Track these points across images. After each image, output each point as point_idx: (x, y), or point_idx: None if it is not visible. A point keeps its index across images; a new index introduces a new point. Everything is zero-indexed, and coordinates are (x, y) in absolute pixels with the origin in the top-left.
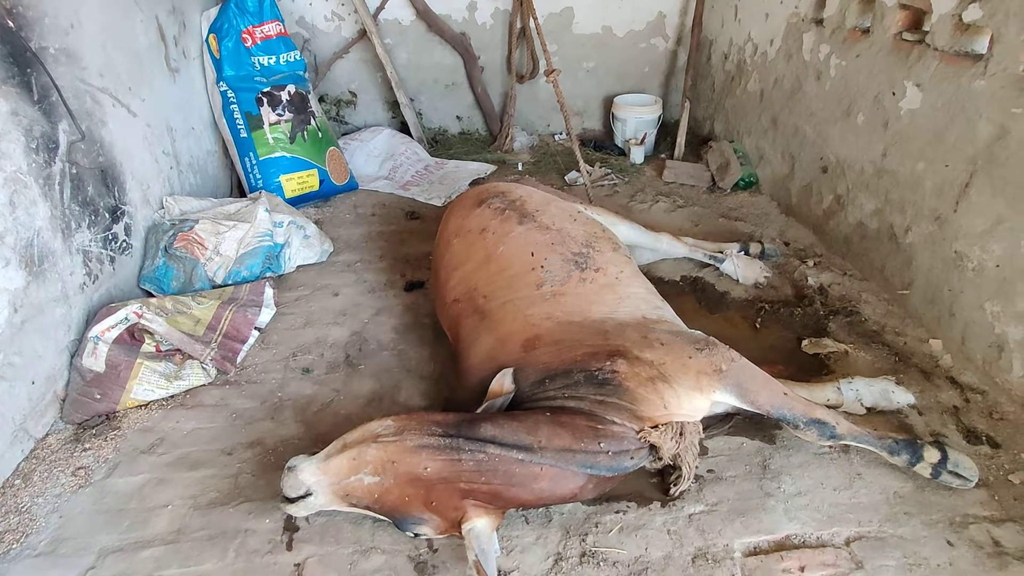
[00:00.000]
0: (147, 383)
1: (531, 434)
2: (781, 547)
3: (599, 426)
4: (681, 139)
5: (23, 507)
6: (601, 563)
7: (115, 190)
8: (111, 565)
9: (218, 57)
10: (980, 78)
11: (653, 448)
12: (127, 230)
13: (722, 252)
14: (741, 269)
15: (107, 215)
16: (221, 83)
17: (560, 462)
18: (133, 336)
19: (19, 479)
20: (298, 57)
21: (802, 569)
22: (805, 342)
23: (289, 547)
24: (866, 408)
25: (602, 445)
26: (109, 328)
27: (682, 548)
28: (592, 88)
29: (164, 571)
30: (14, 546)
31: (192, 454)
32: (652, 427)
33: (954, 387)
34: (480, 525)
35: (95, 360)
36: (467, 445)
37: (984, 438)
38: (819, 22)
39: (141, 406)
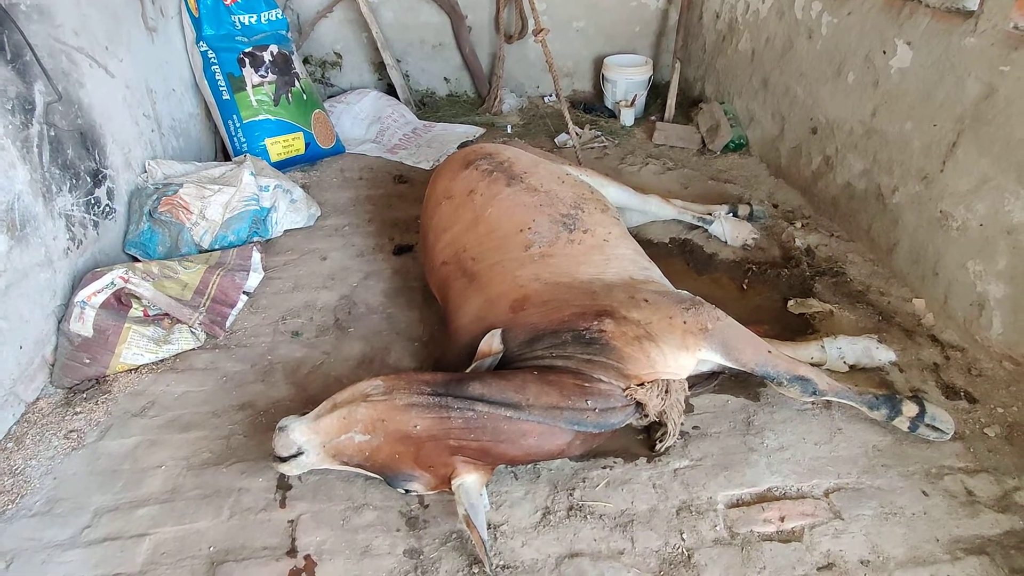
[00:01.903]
0: (136, 347)
1: (519, 392)
2: (763, 499)
3: (586, 384)
4: (671, 101)
5: (17, 469)
6: (588, 516)
7: (95, 153)
8: (107, 524)
9: (197, 15)
10: (970, 35)
11: (639, 405)
12: (110, 194)
13: (711, 214)
14: (729, 231)
15: (88, 179)
16: (201, 43)
17: (548, 419)
18: (120, 301)
19: (11, 442)
20: (280, 16)
21: (782, 519)
22: (791, 302)
23: (282, 505)
24: (848, 366)
25: (589, 402)
26: (95, 293)
27: (667, 501)
28: (582, 48)
29: (160, 529)
30: (9, 507)
31: (183, 416)
32: (639, 385)
33: (935, 345)
34: (469, 481)
35: (82, 325)
36: (456, 403)
37: (962, 393)
38: None
39: (131, 370)
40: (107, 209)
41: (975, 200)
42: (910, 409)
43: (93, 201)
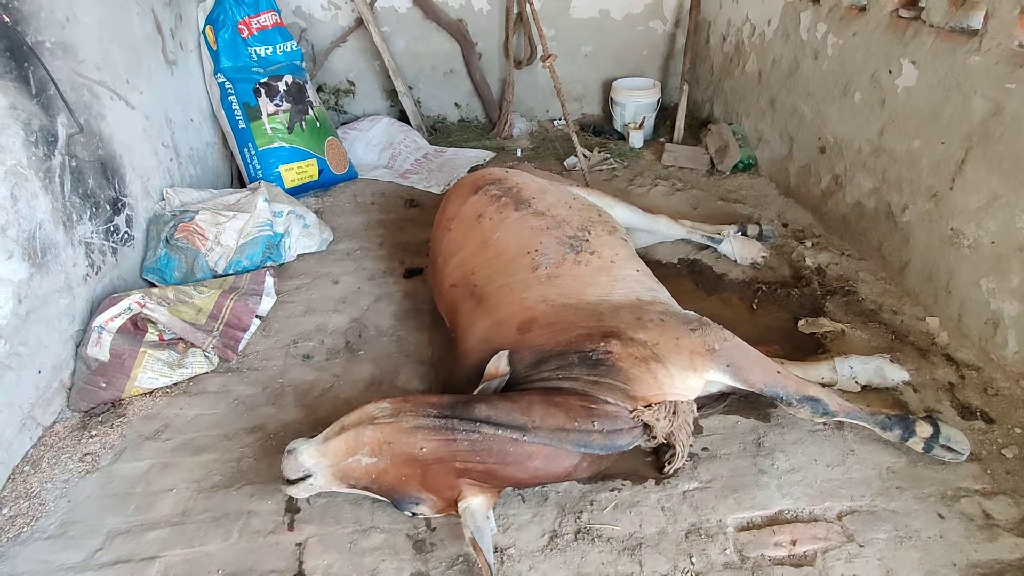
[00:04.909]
0: (151, 371)
1: (525, 414)
2: (774, 522)
3: (593, 406)
4: (680, 122)
5: (32, 492)
6: (596, 539)
7: (115, 182)
8: (118, 547)
9: (215, 48)
10: (975, 54)
11: (647, 427)
12: (128, 222)
13: (720, 233)
14: (739, 250)
15: (108, 207)
16: (219, 74)
17: (554, 441)
18: (136, 326)
19: (28, 465)
20: (295, 47)
21: (794, 543)
22: (801, 322)
23: (291, 528)
24: (861, 386)
25: (596, 424)
26: (113, 318)
27: (676, 524)
28: (590, 73)
29: (170, 552)
30: (24, 529)
31: (196, 439)
32: (646, 406)
33: (950, 364)
34: (476, 504)
35: (100, 349)
36: (462, 425)
37: (978, 413)
38: (816, 0)
39: (146, 394)
40: (126, 236)
41: (986, 217)
42: (924, 430)
43: (112, 228)
